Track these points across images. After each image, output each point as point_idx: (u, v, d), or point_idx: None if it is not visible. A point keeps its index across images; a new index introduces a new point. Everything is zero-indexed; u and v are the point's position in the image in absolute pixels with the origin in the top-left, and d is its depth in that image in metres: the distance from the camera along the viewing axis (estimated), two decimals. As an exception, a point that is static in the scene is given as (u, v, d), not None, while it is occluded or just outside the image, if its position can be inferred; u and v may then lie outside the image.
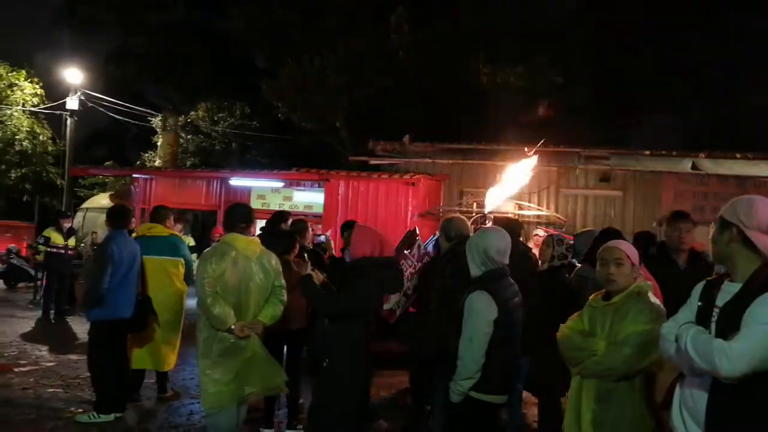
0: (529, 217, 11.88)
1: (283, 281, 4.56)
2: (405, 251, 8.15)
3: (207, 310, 4.20)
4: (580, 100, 20.14)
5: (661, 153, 12.76)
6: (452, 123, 20.30)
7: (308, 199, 13.82)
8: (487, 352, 3.49)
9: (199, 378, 4.41)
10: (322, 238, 8.30)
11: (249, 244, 4.44)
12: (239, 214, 4.51)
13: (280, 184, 13.92)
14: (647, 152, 13.16)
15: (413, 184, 12.26)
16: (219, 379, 4.24)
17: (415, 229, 7.33)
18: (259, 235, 5.47)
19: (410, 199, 12.24)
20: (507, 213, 11.63)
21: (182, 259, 6.45)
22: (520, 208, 12.37)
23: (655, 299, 3.17)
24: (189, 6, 27.90)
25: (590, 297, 3.38)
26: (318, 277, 4.19)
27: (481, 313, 3.49)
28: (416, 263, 7.86)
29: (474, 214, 11.17)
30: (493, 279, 3.61)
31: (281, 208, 13.61)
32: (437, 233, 5.89)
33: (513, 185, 10.58)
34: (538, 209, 12.35)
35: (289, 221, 6.74)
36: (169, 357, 6.38)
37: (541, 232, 8.58)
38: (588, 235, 5.31)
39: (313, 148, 23.20)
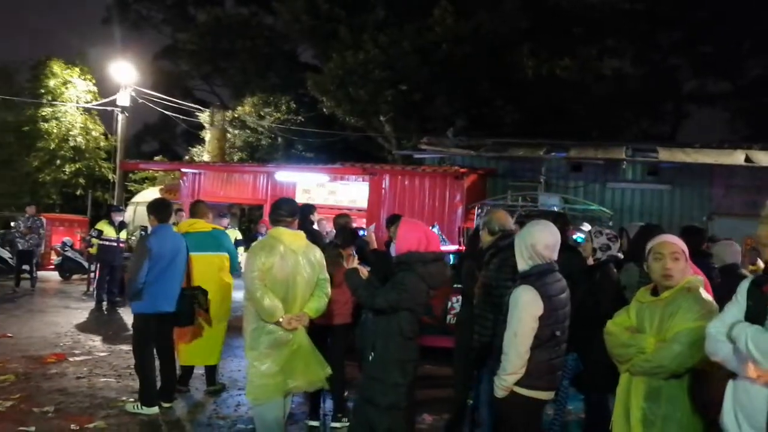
0: (575, 211, 11.72)
1: (327, 274, 4.61)
2: None
3: (257, 303, 4.27)
4: (627, 92, 19.73)
5: (711, 145, 12.46)
6: (497, 116, 20.15)
7: (352, 193, 13.89)
8: (532, 347, 3.46)
9: (246, 369, 4.49)
10: (363, 232, 8.33)
11: (295, 238, 4.51)
12: (285, 209, 4.57)
13: (325, 179, 14.02)
14: (697, 145, 12.85)
15: (458, 177, 12.20)
16: (266, 370, 4.31)
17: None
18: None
19: (455, 193, 12.19)
20: (553, 207, 11.48)
21: (226, 253, 6.50)
22: (566, 202, 12.21)
23: (706, 295, 3.09)
24: (237, 2, 28.33)
25: (637, 292, 3.33)
26: (362, 271, 4.22)
27: (526, 308, 3.46)
28: None
29: (519, 209, 11.06)
30: (541, 274, 3.57)
31: (327, 203, 13.80)
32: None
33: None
34: (585, 203, 12.17)
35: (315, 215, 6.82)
36: (216, 350, 6.47)
37: (586, 227, 8.42)
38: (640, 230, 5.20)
39: (358, 142, 23.30)
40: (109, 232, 11.76)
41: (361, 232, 7.04)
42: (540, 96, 18.93)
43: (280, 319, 4.29)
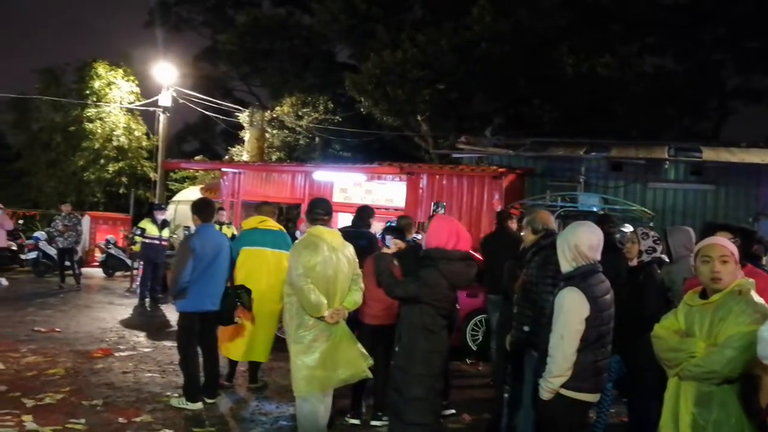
0: (616, 212, 11.56)
1: (359, 270, 4.82)
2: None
3: (304, 298, 4.41)
4: (669, 90, 19.36)
5: (758, 144, 12.17)
6: (535, 115, 19.97)
7: (389, 192, 13.91)
8: (578, 349, 3.44)
9: (291, 364, 4.58)
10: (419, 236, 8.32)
11: (334, 236, 4.71)
12: (322, 208, 4.75)
13: (363, 178, 14.06)
14: (743, 144, 12.57)
15: (496, 177, 12.12)
16: (309, 364, 4.44)
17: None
18: (344, 229, 5.68)
19: (493, 193, 12.12)
20: (593, 207, 11.34)
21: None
22: (606, 202, 12.05)
23: (758, 298, 3.02)
24: (275, 3, 28.60)
25: (686, 295, 3.28)
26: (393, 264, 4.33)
27: (572, 310, 3.44)
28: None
29: (558, 209, 10.96)
30: (584, 275, 3.54)
31: (363, 202, 13.85)
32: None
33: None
34: (625, 203, 11.99)
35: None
36: (265, 348, 6.50)
37: (628, 228, 8.29)
38: (682, 234, 5.14)
39: (394, 142, 23.34)
40: (152, 230, 12.00)
41: (417, 236, 7.04)
42: (579, 94, 18.71)
43: (325, 314, 4.41)
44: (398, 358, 4.07)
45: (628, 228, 8.22)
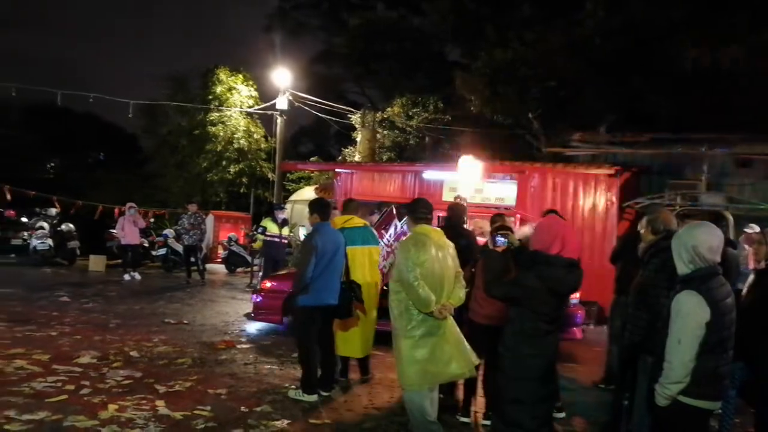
0: (740, 210, 10.92)
1: (460, 268, 4.91)
2: (381, 230, 8.24)
3: (414, 293, 4.53)
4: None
5: None
6: (652, 110, 19.09)
7: (499, 191, 13.81)
8: (698, 354, 3.35)
9: (400, 358, 4.69)
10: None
11: (439, 234, 4.83)
12: (425, 207, 4.90)
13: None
14: None
15: (612, 175, 11.77)
16: (420, 359, 4.56)
17: (392, 208, 7.47)
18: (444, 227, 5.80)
19: (609, 192, 11.78)
20: (716, 207, 10.77)
21: (377, 246, 6.89)
22: (730, 201, 11.41)
23: None
24: (387, 5, 29.01)
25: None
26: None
27: (690, 314, 3.35)
28: (392, 242, 7.90)
29: (678, 208, 10.50)
30: (704, 278, 3.43)
31: (474, 201, 13.84)
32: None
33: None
34: (752, 203, 11.30)
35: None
36: (368, 342, 6.77)
37: (754, 228, 7.81)
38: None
39: (505, 140, 23.05)
40: (272, 228, 12.56)
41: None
42: (700, 88, 17.71)
43: (433, 309, 4.53)
44: (501, 360, 4.08)
45: (754, 228, 7.77)
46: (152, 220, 19.76)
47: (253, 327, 9.67)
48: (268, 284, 9.36)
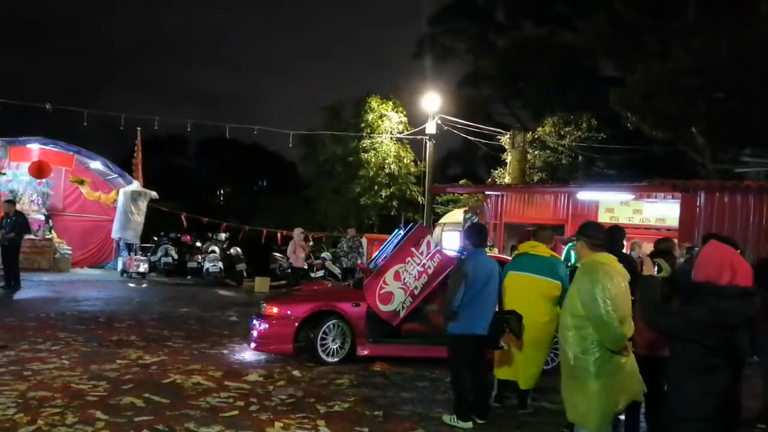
0: None
1: None
2: (411, 248, 7.55)
3: (610, 330, 4.34)
4: None
5: None
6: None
7: (660, 212, 13.12)
8: None
9: (586, 400, 4.53)
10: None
11: (617, 262, 4.64)
12: (601, 233, 4.72)
13: (630, 197, 13.46)
14: None
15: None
16: (608, 398, 4.42)
17: (419, 222, 6.88)
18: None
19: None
20: None
21: (560, 282, 6.34)
22: None
23: None
24: (535, 24, 28.65)
25: None
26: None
27: None
28: (425, 261, 7.22)
29: None
30: None
31: (632, 222, 13.25)
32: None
33: None
34: None
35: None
36: (532, 375, 6.48)
37: None
38: None
39: (664, 157, 21.84)
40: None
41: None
42: None
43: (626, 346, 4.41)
44: (666, 397, 3.80)
45: None
46: (311, 243, 20.75)
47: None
48: (274, 309, 8.47)
